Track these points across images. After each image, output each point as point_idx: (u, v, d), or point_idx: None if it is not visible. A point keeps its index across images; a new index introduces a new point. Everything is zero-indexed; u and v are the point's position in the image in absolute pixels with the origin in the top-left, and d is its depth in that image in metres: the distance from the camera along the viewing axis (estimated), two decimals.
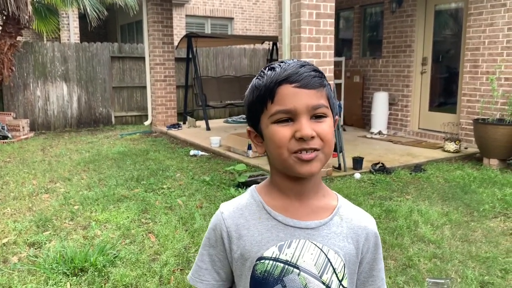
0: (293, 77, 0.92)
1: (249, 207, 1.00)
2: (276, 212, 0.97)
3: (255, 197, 1.01)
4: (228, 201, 1.05)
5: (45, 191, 4.97)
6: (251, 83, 1.00)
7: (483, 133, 5.95)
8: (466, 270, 3.10)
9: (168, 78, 9.32)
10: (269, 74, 0.94)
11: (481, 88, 6.73)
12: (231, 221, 0.98)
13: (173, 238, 3.63)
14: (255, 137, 1.01)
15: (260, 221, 0.97)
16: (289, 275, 0.93)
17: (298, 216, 0.97)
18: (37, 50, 9.42)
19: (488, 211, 4.24)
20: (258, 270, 0.95)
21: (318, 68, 0.96)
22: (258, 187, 1.03)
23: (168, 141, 8.06)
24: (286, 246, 0.95)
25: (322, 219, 0.98)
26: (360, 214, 1.05)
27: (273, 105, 0.92)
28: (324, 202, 1.01)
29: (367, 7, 9.05)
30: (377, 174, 5.44)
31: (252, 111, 0.98)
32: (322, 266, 0.95)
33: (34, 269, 3.11)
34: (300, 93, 0.91)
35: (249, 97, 0.99)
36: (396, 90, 8.26)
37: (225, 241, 0.98)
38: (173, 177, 5.49)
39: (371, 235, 1.03)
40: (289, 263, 0.94)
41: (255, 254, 0.95)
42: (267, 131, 0.94)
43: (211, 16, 14.23)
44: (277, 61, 0.98)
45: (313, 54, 5.08)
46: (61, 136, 8.92)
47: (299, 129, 0.90)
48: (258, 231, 0.96)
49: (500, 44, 6.44)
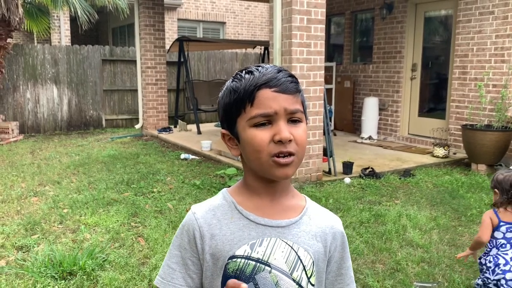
0: (273, 82, 0.94)
1: (221, 208, 1.01)
2: (247, 211, 0.99)
3: (226, 198, 1.02)
4: (200, 203, 1.06)
5: (34, 194, 4.94)
6: (226, 85, 1.01)
7: (471, 138, 6.02)
8: (453, 274, 3.13)
9: (160, 81, 9.31)
10: (248, 78, 0.95)
11: (470, 94, 6.81)
12: (203, 220, 0.99)
13: (162, 242, 3.63)
14: (229, 139, 1.02)
15: (232, 220, 0.98)
16: (260, 272, 0.95)
17: (269, 215, 0.99)
18: (27, 52, 9.36)
19: (476, 216, 4.29)
20: (230, 269, 0.95)
21: (293, 74, 0.99)
22: (229, 190, 1.05)
23: (159, 145, 8.05)
24: (258, 244, 0.96)
25: (293, 217, 1.01)
26: (327, 215, 1.08)
27: (253, 109, 0.94)
28: (293, 202, 1.03)
29: (358, 13, 9.13)
30: (366, 179, 5.48)
31: (228, 113, 0.99)
32: (292, 263, 0.97)
33: (22, 272, 3.09)
34: (278, 97, 0.93)
35: (224, 99, 0.99)
36: (386, 96, 8.33)
37: (197, 241, 0.98)
38: (164, 181, 5.48)
39: (338, 234, 1.06)
40: (260, 261, 0.95)
41: (227, 253, 0.96)
42: (245, 134, 0.95)
43: (203, 20, 14.26)
44: (254, 66, 0.99)
45: (304, 59, 5.11)
46: (51, 139, 8.86)
47: (278, 132, 0.92)
48: (230, 230, 0.97)
49: (488, 51, 6.53)
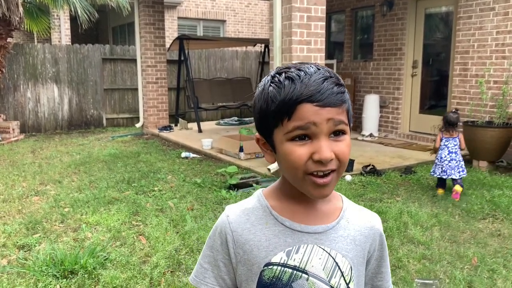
0: (316, 96, 0.85)
1: (255, 211, 0.97)
2: (283, 217, 0.95)
3: (261, 202, 0.98)
4: (234, 204, 1.02)
5: (35, 194, 4.94)
6: (262, 87, 0.92)
7: (472, 135, 6.01)
8: (454, 270, 3.13)
9: (160, 80, 9.31)
10: (288, 88, 0.86)
11: (471, 91, 6.80)
12: (236, 225, 0.96)
13: (163, 240, 3.63)
14: (264, 144, 0.96)
15: (267, 226, 0.95)
16: (297, 280, 0.92)
17: (306, 221, 0.95)
18: (27, 52, 9.36)
19: (477, 212, 4.29)
20: (265, 276, 0.93)
21: (341, 80, 0.90)
22: (265, 192, 1.01)
23: (160, 143, 8.05)
24: (294, 251, 0.93)
25: (329, 223, 0.97)
26: (365, 215, 1.04)
27: (290, 122, 0.86)
28: (330, 205, 0.99)
29: (358, 10, 9.11)
30: (368, 176, 5.48)
31: (264, 121, 0.92)
32: (330, 270, 0.94)
33: (24, 271, 3.10)
34: (321, 111, 0.85)
35: (261, 105, 0.91)
36: (387, 93, 8.32)
37: (229, 244, 0.96)
38: (164, 179, 5.49)
39: (377, 234, 1.03)
40: (297, 268, 0.92)
41: (262, 259, 0.93)
42: (282, 148, 0.89)
43: (203, 19, 14.25)
44: (295, 67, 0.90)
45: (304, 56, 5.10)
46: (52, 138, 8.86)
47: (318, 151, 0.85)
48: (265, 237, 0.94)
49: (489, 48, 6.51)
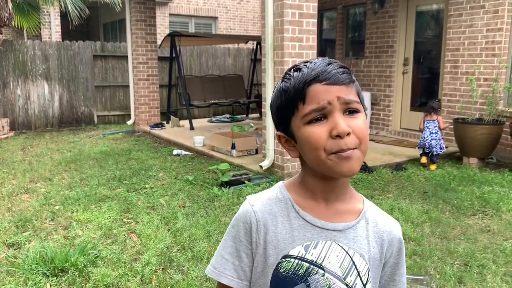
0: (323, 75, 0.90)
1: (278, 203, 0.98)
2: (304, 211, 0.96)
3: (284, 194, 0.99)
4: (255, 194, 1.03)
5: (25, 191, 4.90)
6: (276, 88, 0.98)
7: (462, 132, 6.05)
8: (444, 266, 3.16)
9: (151, 77, 9.26)
10: (296, 75, 0.92)
11: (461, 88, 6.84)
12: (261, 214, 0.97)
13: (155, 237, 3.62)
14: (286, 141, 0.98)
15: (288, 219, 0.96)
16: (314, 275, 0.93)
17: (326, 217, 0.96)
18: (17, 48, 9.26)
19: (467, 208, 4.32)
20: (282, 268, 0.94)
21: (345, 65, 0.95)
22: (286, 184, 1.02)
23: (151, 141, 8.01)
24: (312, 246, 0.94)
25: (349, 221, 0.98)
26: (386, 219, 1.04)
27: (305, 106, 0.90)
28: (350, 204, 1.00)
29: (350, 8, 9.12)
30: (359, 173, 5.50)
31: (282, 115, 0.96)
32: (346, 268, 0.95)
33: (13, 270, 3.07)
34: (331, 89, 0.89)
35: (276, 102, 0.97)
36: (378, 90, 8.35)
37: (253, 234, 0.96)
38: (156, 177, 5.47)
39: (395, 240, 1.02)
40: (314, 263, 0.93)
41: (281, 251, 0.94)
42: (301, 133, 0.92)
43: (195, 15, 14.19)
44: (302, 62, 0.96)
45: (296, 53, 5.10)
46: (42, 135, 8.79)
47: (335, 126, 0.88)
48: (286, 229, 0.95)
49: (479, 45, 6.56)
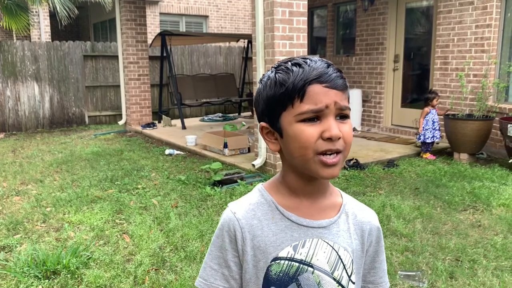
0: (324, 77, 0.90)
1: (260, 207, 0.98)
2: (289, 212, 0.97)
3: (265, 197, 0.99)
4: (236, 201, 1.02)
5: (16, 194, 4.87)
6: (267, 77, 0.96)
7: (453, 128, 6.09)
8: (436, 262, 3.18)
9: (142, 76, 9.22)
10: (296, 71, 0.91)
11: (451, 84, 6.89)
12: (245, 221, 0.96)
13: (147, 238, 3.61)
14: (268, 133, 0.98)
15: (274, 221, 0.96)
16: (303, 273, 0.94)
17: (310, 216, 0.97)
18: (6, 49, 9.18)
19: (458, 204, 4.36)
20: (273, 271, 0.94)
21: (341, 70, 0.97)
22: (266, 186, 1.01)
23: (143, 141, 7.99)
24: (301, 245, 0.95)
25: (332, 217, 0.99)
26: (363, 210, 1.07)
27: (303, 104, 0.90)
28: (331, 200, 1.02)
29: (340, 5, 9.14)
30: (351, 170, 5.52)
31: (272, 106, 0.94)
32: (334, 263, 0.97)
33: (5, 273, 3.05)
34: (329, 93, 0.90)
35: (268, 92, 0.94)
36: (369, 87, 8.38)
37: (238, 242, 0.96)
38: (148, 177, 5.45)
39: (374, 229, 1.05)
40: (303, 262, 0.95)
41: (270, 254, 0.95)
42: (292, 129, 0.91)
43: (185, 14, 14.14)
44: (300, 58, 0.95)
45: (286, 52, 5.10)
46: (33, 137, 8.73)
47: (328, 129, 0.89)
48: (272, 232, 0.96)
49: (468, 42, 6.60)
